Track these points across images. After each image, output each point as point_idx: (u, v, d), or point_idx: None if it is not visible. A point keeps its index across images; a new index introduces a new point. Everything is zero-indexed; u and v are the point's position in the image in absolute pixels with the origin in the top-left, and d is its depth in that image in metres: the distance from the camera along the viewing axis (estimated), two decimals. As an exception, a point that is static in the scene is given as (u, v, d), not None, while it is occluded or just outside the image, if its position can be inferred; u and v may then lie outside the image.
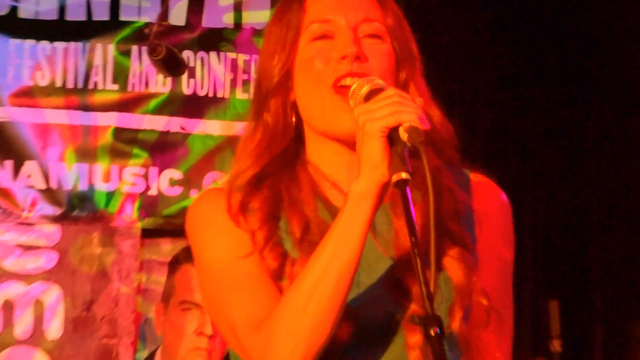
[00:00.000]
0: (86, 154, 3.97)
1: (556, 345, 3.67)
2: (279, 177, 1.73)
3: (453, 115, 1.77)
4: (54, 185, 3.94)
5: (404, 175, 1.49)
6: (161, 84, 4.03)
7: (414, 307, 1.63)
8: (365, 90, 1.59)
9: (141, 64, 4.01)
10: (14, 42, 3.96)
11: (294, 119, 1.75)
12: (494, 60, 3.97)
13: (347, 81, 1.63)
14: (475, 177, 1.79)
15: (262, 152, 1.73)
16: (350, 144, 1.64)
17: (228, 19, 4.04)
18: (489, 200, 1.79)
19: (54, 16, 3.95)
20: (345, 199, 1.59)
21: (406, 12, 1.77)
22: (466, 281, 1.68)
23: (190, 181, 3.98)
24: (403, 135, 1.50)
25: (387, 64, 1.69)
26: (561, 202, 3.93)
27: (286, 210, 1.70)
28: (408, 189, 1.50)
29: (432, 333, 1.47)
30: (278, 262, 1.68)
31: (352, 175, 1.63)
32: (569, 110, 3.90)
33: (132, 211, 4.03)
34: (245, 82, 4.02)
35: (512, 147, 3.97)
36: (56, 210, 3.95)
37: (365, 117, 1.52)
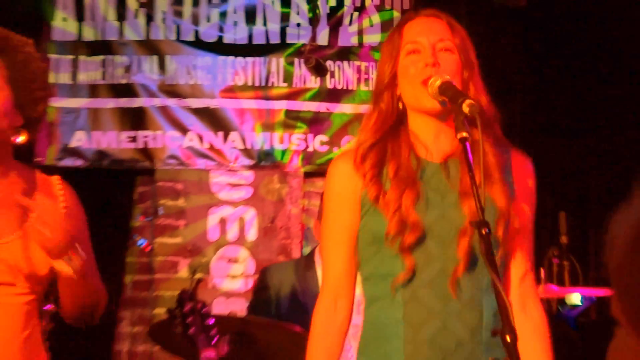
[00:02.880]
0: (268, 127, 4.80)
1: (564, 239, 4.28)
2: (387, 141, 2.02)
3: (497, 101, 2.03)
4: (249, 146, 4.80)
5: (464, 134, 1.78)
6: (313, 82, 4.85)
7: (469, 219, 1.88)
8: (438, 82, 1.91)
9: (300, 69, 4.82)
10: (221, 58, 4.81)
11: (401, 105, 2.01)
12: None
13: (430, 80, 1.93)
14: (515, 152, 2.07)
15: (377, 128, 2.04)
16: (435, 116, 1.98)
17: (354, 40, 4.87)
18: (523, 169, 2.09)
19: (245, 41, 4.82)
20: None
21: (469, 31, 2.06)
22: (506, 205, 1.98)
23: (333, 142, 4.83)
24: (465, 108, 1.79)
25: (455, 69, 1.98)
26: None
27: (388, 160, 1.99)
28: (467, 144, 1.78)
29: (483, 232, 1.71)
30: (376, 193, 1.99)
31: (438, 139, 2.00)
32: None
33: (297, 161, 4.85)
34: (366, 80, 4.81)
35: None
36: (251, 162, 4.81)
37: None
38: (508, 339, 1.64)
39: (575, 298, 4.17)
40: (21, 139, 2.28)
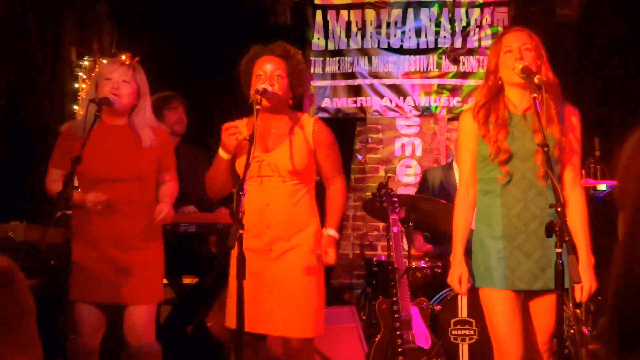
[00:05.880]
0: (428, 93, 6.83)
1: (597, 153, 5.17)
2: (491, 102, 2.88)
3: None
4: (417, 104, 6.88)
5: (535, 95, 2.64)
6: (452, 68, 6.87)
7: (539, 143, 2.66)
8: (520, 66, 2.79)
9: (446, 61, 6.86)
10: (402, 57, 6.91)
11: (499, 82, 2.91)
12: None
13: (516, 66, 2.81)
14: (567, 105, 2.90)
15: (485, 95, 2.91)
16: (519, 87, 2.81)
17: (476, 44, 6.87)
18: (571, 113, 2.89)
19: (415, 47, 6.81)
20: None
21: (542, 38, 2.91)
22: (560, 136, 2.77)
23: (463, 101, 6.76)
24: (536, 80, 2.66)
25: (533, 59, 2.85)
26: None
27: (491, 113, 2.87)
28: (537, 101, 2.63)
29: (545, 150, 2.53)
30: (484, 132, 2.81)
31: (521, 100, 2.82)
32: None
33: (444, 112, 6.90)
34: (482, 67, 6.70)
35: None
36: (418, 113, 6.91)
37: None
38: (559, 208, 2.27)
39: (602, 186, 5.29)
40: (290, 103, 3.35)
